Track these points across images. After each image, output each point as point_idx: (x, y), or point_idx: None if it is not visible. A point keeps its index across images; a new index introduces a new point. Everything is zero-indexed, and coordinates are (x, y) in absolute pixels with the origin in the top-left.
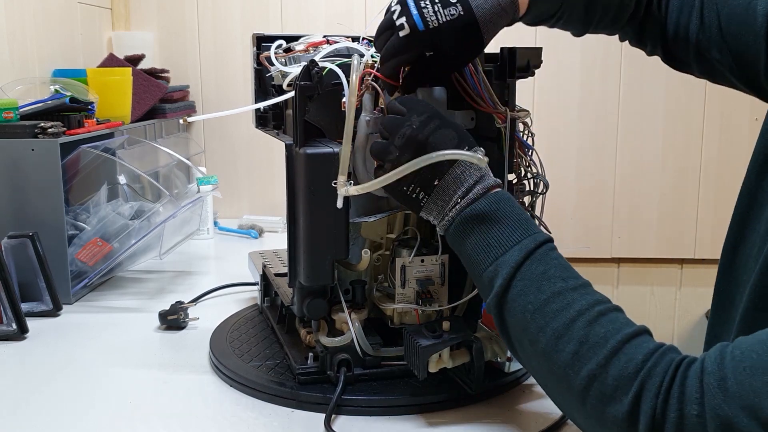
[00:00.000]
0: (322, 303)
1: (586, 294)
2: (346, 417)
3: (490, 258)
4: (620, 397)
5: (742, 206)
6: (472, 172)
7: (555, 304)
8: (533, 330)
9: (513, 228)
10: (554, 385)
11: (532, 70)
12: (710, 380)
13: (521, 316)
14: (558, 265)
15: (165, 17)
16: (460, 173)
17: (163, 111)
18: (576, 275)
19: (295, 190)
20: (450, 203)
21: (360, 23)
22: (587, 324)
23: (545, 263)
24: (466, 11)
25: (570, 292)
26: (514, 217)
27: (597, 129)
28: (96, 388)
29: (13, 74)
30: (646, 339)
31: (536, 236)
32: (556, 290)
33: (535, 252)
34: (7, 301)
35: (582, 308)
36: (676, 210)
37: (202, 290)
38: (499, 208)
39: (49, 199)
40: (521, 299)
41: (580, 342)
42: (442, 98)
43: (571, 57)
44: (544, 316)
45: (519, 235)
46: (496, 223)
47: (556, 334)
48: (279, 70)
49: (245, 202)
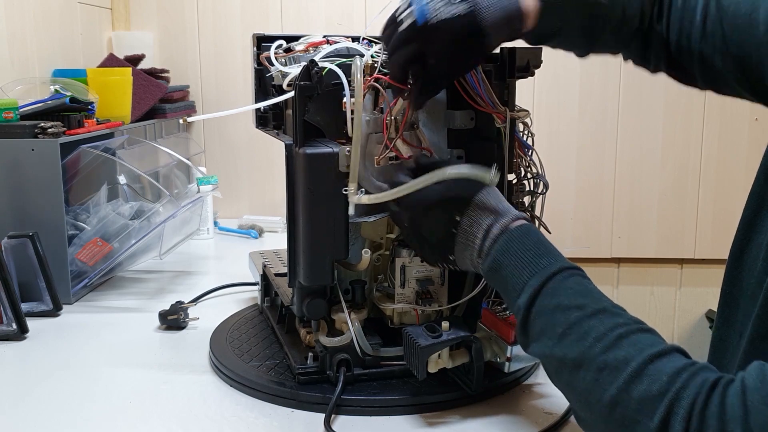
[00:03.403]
0: (322, 303)
1: (604, 319)
2: (345, 417)
3: (510, 304)
4: (645, 422)
5: (750, 209)
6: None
7: (572, 336)
8: (554, 364)
9: (520, 270)
10: (586, 417)
11: (532, 70)
12: (754, 398)
13: (543, 351)
14: (573, 293)
15: (165, 17)
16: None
17: (163, 111)
18: (597, 299)
19: (294, 190)
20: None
21: (360, 23)
22: (605, 349)
23: (557, 295)
24: (468, 13)
25: (587, 320)
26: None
27: (597, 129)
28: (96, 388)
29: (13, 74)
30: (673, 358)
31: (543, 271)
32: (572, 321)
33: (545, 286)
34: (7, 301)
35: (600, 334)
36: (676, 210)
37: (202, 290)
38: (509, 249)
39: (49, 199)
40: (541, 337)
41: (599, 368)
42: (441, 98)
43: (571, 57)
44: (561, 349)
45: (528, 274)
46: (504, 271)
47: (575, 364)
48: (279, 70)
49: (245, 202)
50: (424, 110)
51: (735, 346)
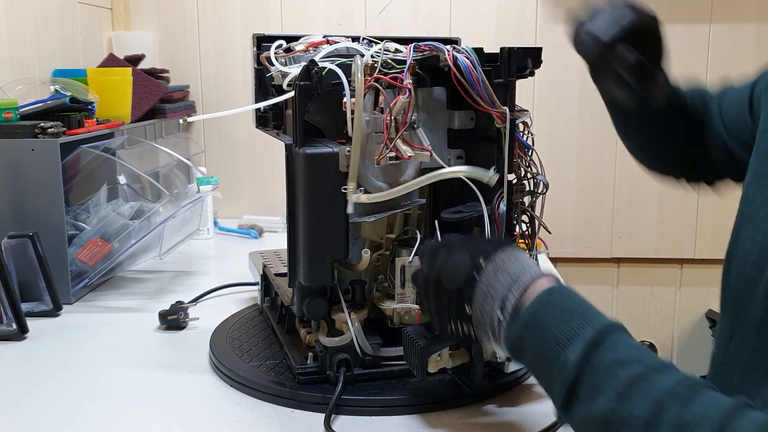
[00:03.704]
0: (322, 303)
1: (671, 373)
2: (345, 417)
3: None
4: None
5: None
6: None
7: (638, 391)
8: (616, 425)
9: (569, 321)
10: None
11: (532, 70)
12: None
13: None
14: (630, 347)
15: (165, 17)
16: (487, 289)
17: (163, 111)
18: (655, 356)
19: (294, 190)
20: (495, 322)
21: (360, 23)
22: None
23: (615, 349)
24: None
25: (653, 374)
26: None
27: (597, 129)
28: (96, 388)
29: (13, 74)
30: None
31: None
32: (636, 374)
33: (601, 339)
34: (7, 301)
35: (670, 388)
36: (676, 210)
37: (202, 290)
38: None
39: (49, 199)
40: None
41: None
42: (441, 98)
43: (571, 57)
44: (627, 405)
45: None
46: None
47: (645, 423)
48: (279, 70)
49: (245, 202)
50: (424, 110)
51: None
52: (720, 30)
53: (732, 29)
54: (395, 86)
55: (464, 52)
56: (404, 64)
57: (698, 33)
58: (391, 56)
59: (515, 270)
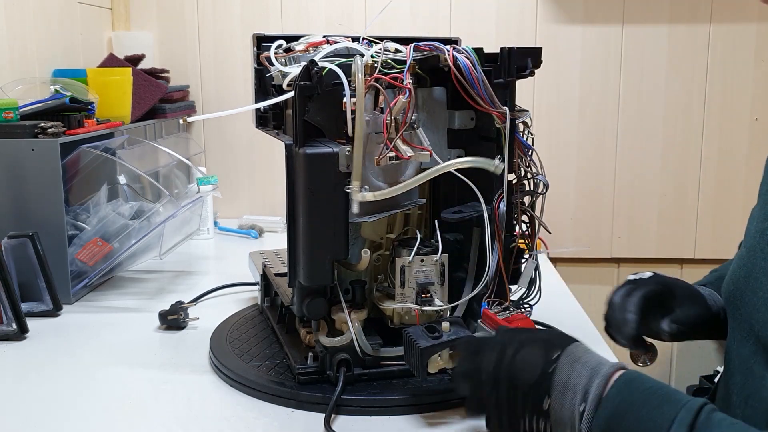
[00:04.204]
0: (322, 303)
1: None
2: (345, 417)
3: None
4: None
5: None
6: (579, 370)
7: None
8: None
9: (660, 406)
10: None
11: (532, 70)
12: None
13: None
14: (729, 425)
15: (165, 17)
16: (566, 380)
17: (163, 111)
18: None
19: (294, 190)
20: (576, 415)
21: (360, 23)
22: None
23: (714, 428)
24: None
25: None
26: (656, 393)
27: (597, 129)
28: (96, 388)
29: (13, 74)
30: None
31: (690, 405)
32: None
33: (697, 421)
34: (7, 301)
35: None
36: (676, 210)
37: (202, 290)
38: (633, 390)
39: (49, 199)
40: None
41: None
42: (441, 98)
43: (571, 57)
44: None
45: (671, 411)
46: (638, 411)
47: None
48: (279, 70)
49: (245, 202)
50: (424, 110)
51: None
52: (720, 30)
53: (732, 29)
54: (395, 86)
55: (464, 52)
56: (404, 64)
57: (698, 33)
58: (391, 56)
59: (593, 362)
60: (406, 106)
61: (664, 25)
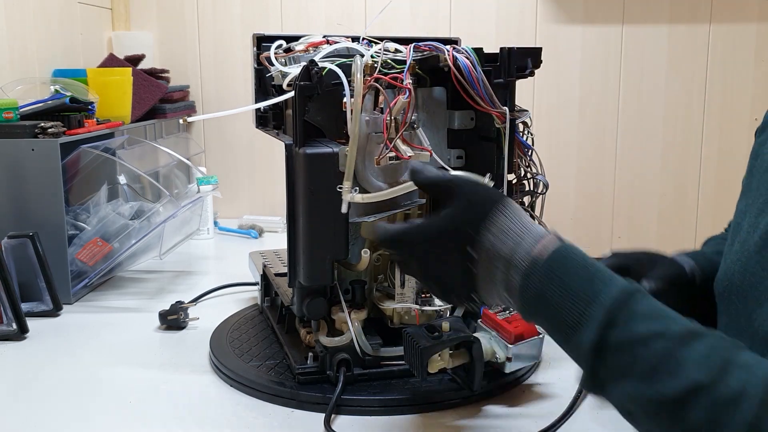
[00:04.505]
0: (322, 303)
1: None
2: (345, 417)
3: (568, 343)
4: None
5: None
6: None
7: (664, 370)
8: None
9: (572, 301)
10: None
11: (532, 70)
12: None
13: (627, 395)
14: (647, 316)
15: (165, 17)
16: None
17: (163, 111)
18: (672, 319)
19: (294, 190)
20: (502, 295)
21: (360, 23)
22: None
23: (630, 324)
24: None
25: (677, 347)
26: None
27: (597, 129)
28: (96, 388)
29: (13, 74)
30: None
31: (603, 298)
32: (659, 352)
33: (611, 318)
34: (7, 301)
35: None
36: (676, 210)
37: (202, 290)
38: (549, 278)
39: (49, 199)
40: (620, 377)
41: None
42: (441, 98)
43: (571, 57)
44: (656, 388)
45: (581, 306)
46: (550, 301)
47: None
48: (279, 70)
49: (245, 202)
50: (424, 110)
51: None
52: (720, 30)
53: (732, 29)
54: (395, 86)
55: (464, 52)
56: (404, 64)
57: (698, 33)
58: (391, 56)
59: (508, 249)
60: (406, 106)
61: (664, 25)
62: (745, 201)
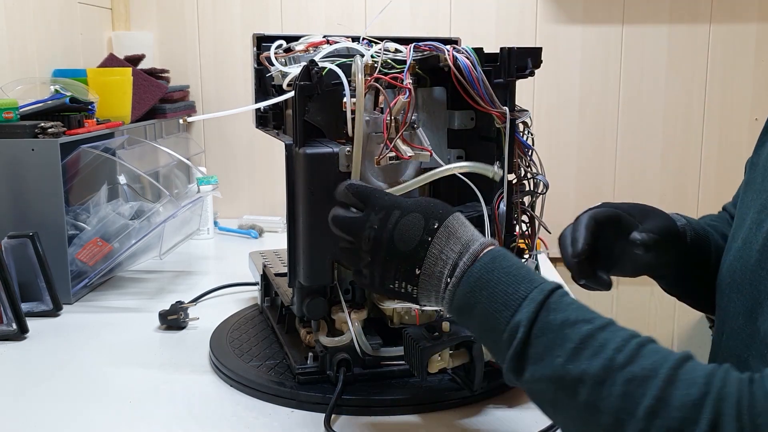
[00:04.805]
0: (322, 303)
1: (617, 330)
2: (345, 417)
3: (500, 325)
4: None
5: None
6: (452, 245)
7: (588, 349)
8: (569, 383)
9: (516, 284)
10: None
11: (532, 70)
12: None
13: (551, 372)
14: (576, 308)
15: (165, 17)
16: (439, 252)
17: (163, 111)
18: (599, 315)
19: (295, 190)
20: (442, 286)
21: (360, 23)
22: (629, 359)
23: (562, 310)
24: None
25: (599, 332)
26: (513, 273)
27: (597, 129)
28: (96, 388)
29: (13, 74)
30: (696, 363)
31: (543, 285)
32: (584, 333)
33: (548, 301)
34: (7, 301)
35: (618, 345)
36: (676, 210)
37: (202, 290)
38: (494, 268)
39: (49, 199)
40: (547, 356)
41: (627, 380)
42: (441, 98)
43: (571, 57)
44: (578, 365)
45: (524, 290)
46: (495, 287)
47: (598, 379)
48: (279, 70)
49: (245, 202)
50: (424, 110)
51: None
52: (720, 30)
53: (732, 29)
54: (395, 86)
55: (464, 52)
56: (404, 64)
57: (698, 33)
58: (391, 56)
59: (466, 237)
60: (406, 106)
61: (664, 25)
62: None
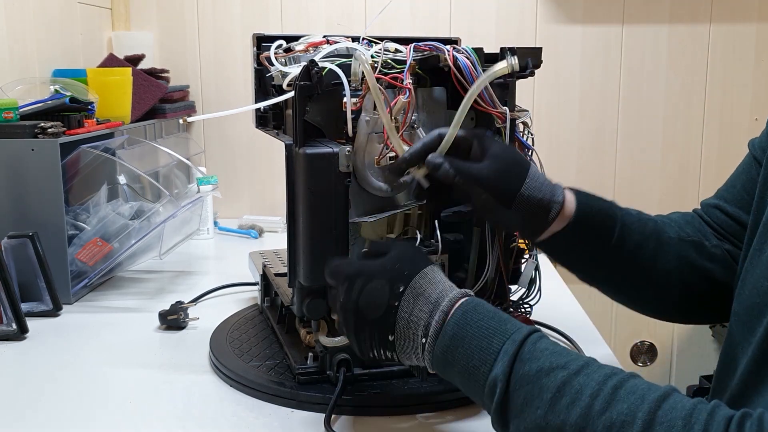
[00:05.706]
0: (322, 303)
1: (592, 373)
2: (345, 417)
3: (480, 381)
4: None
5: None
6: (421, 305)
7: (565, 398)
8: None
9: (489, 338)
10: None
11: (532, 70)
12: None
13: (533, 424)
14: (551, 354)
15: (165, 17)
16: (408, 315)
17: (163, 111)
18: (575, 356)
19: (295, 190)
20: (419, 347)
21: (360, 23)
22: (606, 405)
23: (536, 359)
24: None
25: (575, 377)
26: (485, 326)
27: (597, 129)
28: (96, 388)
29: (13, 74)
30: (676, 398)
31: (515, 335)
32: (560, 381)
33: (521, 351)
34: (7, 301)
35: (594, 390)
36: (676, 210)
37: (202, 290)
38: (467, 323)
39: (49, 199)
40: (527, 408)
41: (606, 427)
42: (441, 98)
43: (571, 57)
44: (557, 415)
45: (497, 343)
46: (469, 342)
47: (578, 428)
48: (279, 70)
49: (245, 202)
50: (424, 110)
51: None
52: (720, 30)
53: (732, 29)
54: (395, 86)
55: (464, 52)
56: (404, 64)
57: (698, 33)
58: (391, 56)
59: (435, 295)
60: (406, 106)
61: (664, 25)
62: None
